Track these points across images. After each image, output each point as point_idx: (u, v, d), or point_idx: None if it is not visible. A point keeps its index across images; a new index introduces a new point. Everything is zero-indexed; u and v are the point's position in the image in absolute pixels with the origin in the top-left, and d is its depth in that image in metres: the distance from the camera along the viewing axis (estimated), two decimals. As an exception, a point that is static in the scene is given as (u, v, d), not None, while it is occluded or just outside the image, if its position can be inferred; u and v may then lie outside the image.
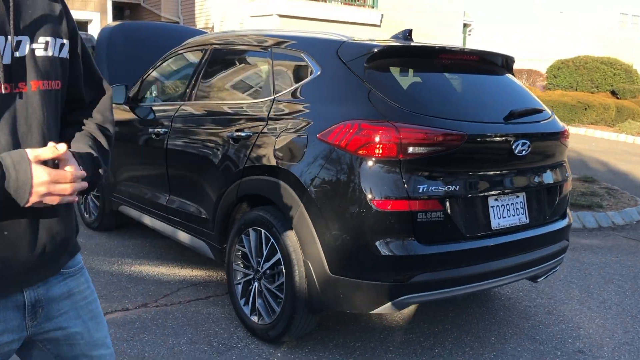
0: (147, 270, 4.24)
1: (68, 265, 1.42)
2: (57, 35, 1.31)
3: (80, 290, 1.46)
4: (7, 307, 1.30)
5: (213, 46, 3.89)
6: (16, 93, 1.22)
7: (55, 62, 1.30)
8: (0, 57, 1.18)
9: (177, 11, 20.57)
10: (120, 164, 4.57)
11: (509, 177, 2.99)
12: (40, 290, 1.35)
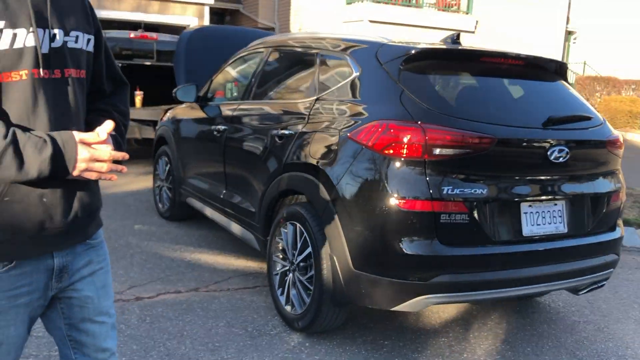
0: (205, 259, 4.50)
1: (92, 237, 1.62)
2: (85, 31, 1.52)
3: (99, 260, 1.65)
4: (39, 270, 1.49)
5: (270, 48, 4.08)
6: (53, 78, 1.42)
7: (83, 54, 1.51)
8: (39, 47, 1.38)
9: (274, 17, 21.26)
10: (189, 158, 4.89)
11: (545, 183, 2.92)
12: (68, 257, 1.55)
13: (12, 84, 1.34)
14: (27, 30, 1.36)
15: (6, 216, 1.38)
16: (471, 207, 2.70)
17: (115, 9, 12.93)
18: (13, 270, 1.44)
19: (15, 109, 1.36)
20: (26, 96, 1.37)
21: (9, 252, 1.42)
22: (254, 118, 3.89)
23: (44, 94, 1.39)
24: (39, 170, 1.33)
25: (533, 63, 3.26)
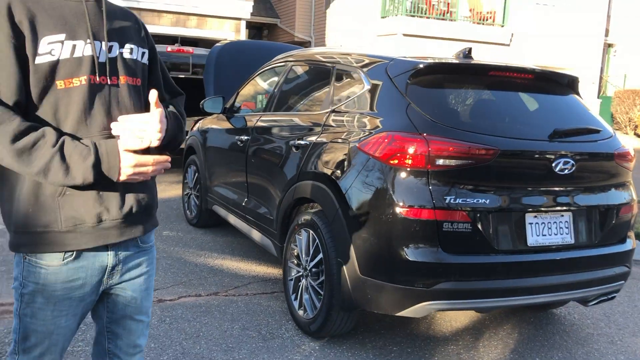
0: (227, 264, 4.66)
1: (144, 240, 1.75)
2: (139, 45, 1.70)
3: (147, 264, 1.78)
4: (94, 267, 1.63)
5: (291, 63, 4.24)
6: (110, 84, 1.58)
7: (137, 64, 1.68)
8: (97, 57, 1.54)
9: (310, 31, 21.57)
10: (215, 167, 5.09)
11: (551, 195, 2.96)
12: (120, 256, 1.68)
13: (73, 89, 1.51)
14: (84, 41, 1.53)
15: (68, 208, 1.53)
16: (474, 217, 2.77)
17: (156, 24, 13.39)
18: (72, 263, 1.58)
19: (74, 111, 1.51)
20: (84, 100, 1.52)
21: (73, 242, 1.56)
22: (274, 129, 4.05)
23: (100, 98, 1.55)
24: (83, 176, 1.48)
25: (543, 77, 3.32)
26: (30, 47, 1.46)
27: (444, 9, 16.41)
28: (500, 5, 16.81)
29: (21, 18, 1.46)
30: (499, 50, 16.82)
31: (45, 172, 1.45)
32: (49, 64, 1.48)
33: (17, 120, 1.43)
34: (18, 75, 1.45)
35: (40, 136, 1.44)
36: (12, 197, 1.56)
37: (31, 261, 1.56)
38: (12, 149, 1.41)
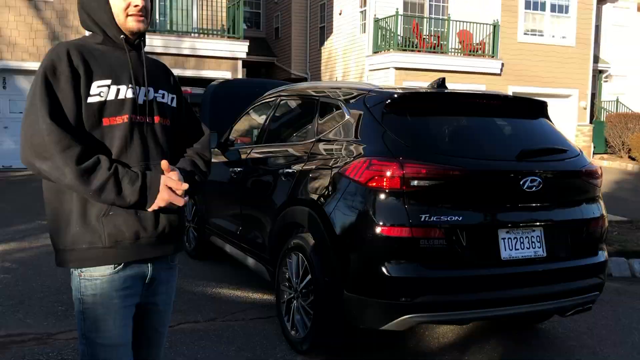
0: (225, 292, 4.84)
1: (173, 259, 2.01)
2: (169, 91, 1.98)
3: (172, 281, 2.04)
4: (136, 277, 1.86)
5: (279, 97, 4.51)
6: (147, 122, 1.86)
7: (168, 107, 1.95)
8: (137, 99, 1.82)
9: (306, 68, 22.09)
10: (211, 199, 5.30)
11: (521, 211, 3.17)
12: (155, 271, 1.92)
13: (116, 125, 1.79)
14: (127, 86, 1.81)
15: (112, 226, 1.77)
16: (448, 233, 2.97)
17: (155, 66, 13.79)
18: (122, 272, 1.81)
19: (117, 144, 1.78)
20: (125, 135, 1.79)
21: (114, 257, 1.79)
22: (265, 159, 4.28)
23: (138, 133, 1.82)
24: (130, 197, 1.73)
25: (512, 102, 3.56)
26: (83, 89, 1.75)
27: (435, 42, 16.86)
28: (489, 36, 17.28)
29: (78, 63, 1.75)
30: (491, 79, 17.20)
31: (100, 191, 1.70)
32: (98, 103, 1.76)
33: (81, 146, 1.69)
34: (76, 111, 1.73)
35: (98, 161, 1.71)
36: (60, 218, 1.80)
37: (86, 275, 1.80)
38: (77, 169, 1.66)
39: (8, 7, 12.72)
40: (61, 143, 1.66)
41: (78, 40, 1.86)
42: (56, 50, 1.77)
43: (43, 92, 1.70)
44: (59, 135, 1.66)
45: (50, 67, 1.73)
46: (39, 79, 1.72)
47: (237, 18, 14.47)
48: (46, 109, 1.68)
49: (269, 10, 24.62)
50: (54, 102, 1.71)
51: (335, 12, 19.84)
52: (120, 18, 1.83)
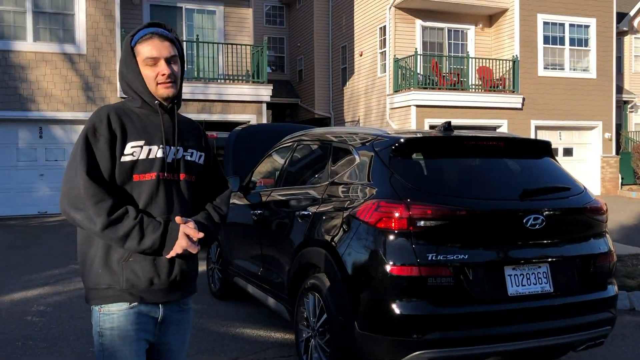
0: (248, 332, 4.99)
1: (185, 302, 2.19)
2: (198, 149, 2.19)
3: (186, 323, 2.21)
4: (148, 316, 2.06)
5: (296, 142, 4.74)
6: (173, 180, 2.08)
7: (194, 165, 2.17)
8: (166, 158, 2.04)
9: (329, 108, 22.51)
10: (234, 241, 5.51)
11: (526, 248, 3.28)
12: (167, 312, 2.11)
13: (145, 182, 2.01)
14: (158, 146, 2.04)
15: (129, 271, 1.99)
16: (455, 271, 3.10)
17: (183, 112, 14.25)
18: (137, 308, 2.02)
19: (144, 198, 2.00)
20: (152, 190, 2.01)
21: (129, 298, 2.00)
22: (282, 202, 4.49)
23: (163, 189, 2.04)
24: (152, 242, 1.94)
25: (516, 143, 3.71)
26: (119, 149, 1.98)
27: (455, 80, 17.10)
28: (509, 72, 17.45)
29: (116, 126, 1.99)
30: (512, 114, 17.30)
31: (125, 237, 1.92)
32: (130, 162, 1.99)
33: (112, 199, 1.92)
34: (110, 169, 1.97)
35: (125, 211, 1.93)
36: (87, 260, 2.03)
37: (105, 311, 2.01)
38: (107, 220, 1.89)
39: (45, 61, 13.42)
40: (95, 197, 1.89)
41: (119, 104, 2.10)
42: (99, 113, 2.02)
43: (83, 150, 1.95)
44: (94, 190, 1.89)
45: (92, 128, 1.98)
46: (81, 138, 1.98)
47: (261, 64, 14.96)
48: (84, 166, 1.92)
49: (292, 54, 25.31)
50: (92, 160, 1.94)
51: (356, 54, 20.32)
52: (152, 86, 2.06)
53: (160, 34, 2.08)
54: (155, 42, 2.05)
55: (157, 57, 2.04)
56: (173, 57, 2.08)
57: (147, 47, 2.05)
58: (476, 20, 18.50)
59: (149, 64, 2.05)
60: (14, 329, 5.01)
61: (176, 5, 15.68)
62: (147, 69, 2.06)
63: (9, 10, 13.29)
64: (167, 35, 2.09)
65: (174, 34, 2.14)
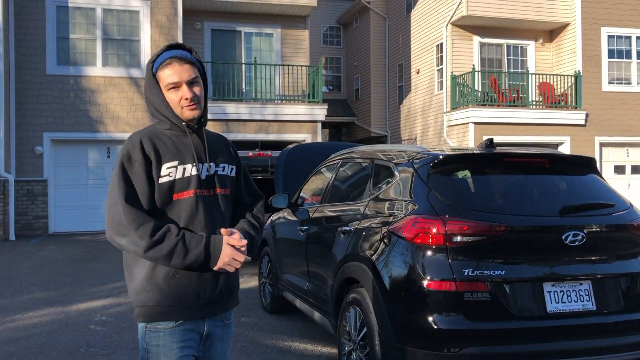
0: (295, 346, 5.10)
1: (227, 316, 2.23)
2: (229, 162, 2.27)
3: (228, 337, 2.26)
4: (194, 331, 2.11)
5: (341, 160, 4.86)
6: (210, 195, 2.14)
7: (227, 178, 2.24)
8: (200, 175, 2.11)
9: (385, 126, 22.56)
10: (283, 256, 5.67)
11: (567, 265, 3.25)
12: (211, 327, 2.16)
13: (183, 199, 2.08)
14: (191, 164, 2.11)
15: (176, 288, 2.04)
16: (492, 287, 3.12)
17: (241, 132, 14.79)
18: (182, 325, 2.07)
19: (184, 215, 2.07)
20: (191, 207, 2.08)
21: (178, 314, 2.07)
22: (326, 218, 4.61)
23: (202, 204, 2.10)
24: (197, 256, 1.99)
25: (559, 160, 3.69)
26: (155, 172, 2.05)
27: (514, 96, 16.81)
28: (571, 87, 16.99)
29: (149, 150, 2.06)
30: (575, 131, 16.80)
31: (170, 255, 1.97)
32: (168, 182, 2.06)
33: (153, 221, 1.99)
34: (148, 192, 2.04)
35: (167, 230, 1.99)
36: (134, 279, 2.09)
37: (152, 328, 2.06)
38: (151, 241, 1.95)
39: (113, 85, 14.20)
40: (136, 221, 1.96)
41: (150, 128, 2.18)
42: (131, 140, 2.10)
43: (120, 177, 2.02)
44: (134, 214, 1.96)
45: (127, 155, 2.05)
46: (117, 166, 2.05)
47: (316, 84, 15.26)
48: (122, 193, 1.99)
49: (349, 73, 25.58)
50: (129, 186, 2.02)
51: (412, 72, 20.33)
52: (177, 109, 2.13)
53: (179, 57, 2.11)
54: (175, 67, 2.09)
55: (178, 81, 2.09)
56: (194, 79, 2.12)
57: (167, 73, 2.10)
58: (536, 35, 18.17)
59: (171, 88, 2.11)
60: (78, 336, 5.33)
61: (235, 30, 16.25)
62: (170, 93, 2.12)
63: (81, 38, 14.19)
64: (186, 58, 2.12)
65: (195, 55, 2.18)
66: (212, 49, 16.14)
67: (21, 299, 6.95)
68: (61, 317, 6.08)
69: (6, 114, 13.15)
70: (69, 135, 13.97)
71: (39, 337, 5.34)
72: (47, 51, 13.88)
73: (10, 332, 5.52)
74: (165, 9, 14.46)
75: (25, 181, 13.70)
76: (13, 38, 13.66)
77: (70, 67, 14.07)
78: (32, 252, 11.09)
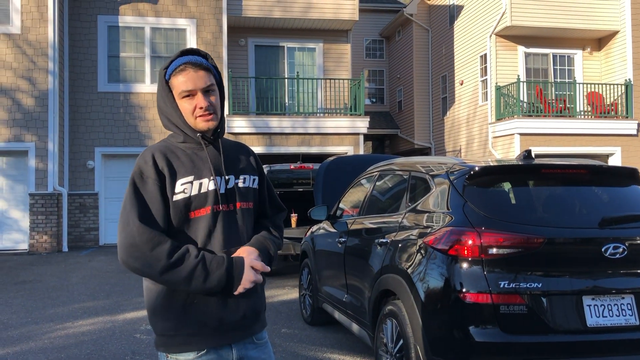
0: (335, 357, 5.12)
1: (258, 337, 2.04)
2: (251, 173, 2.08)
3: (265, 358, 2.05)
4: (221, 358, 1.92)
5: (378, 172, 4.89)
6: (229, 210, 1.96)
7: (249, 190, 2.05)
8: (219, 189, 1.93)
9: (429, 138, 22.38)
10: (322, 268, 5.71)
11: (607, 278, 3.18)
12: (242, 351, 1.97)
13: (201, 217, 1.90)
14: (208, 179, 1.92)
15: (195, 314, 1.87)
16: (529, 300, 3.08)
17: (284, 145, 14.97)
18: (205, 356, 1.89)
19: (201, 234, 1.90)
20: (209, 224, 1.90)
21: (199, 343, 1.88)
22: (363, 231, 4.64)
23: (221, 221, 1.93)
24: (218, 279, 1.83)
25: (600, 171, 3.62)
26: (169, 188, 1.88)
27: (561, 106, 16.44)
28: (622, 96, 16.50)
29: (162, 165, 1.89)
30: (626, 141, 16.28)
31: (189, 279, 1.80)
32: (183, 200, 1.88)
33: (169, 241, 1.82)
34: (163, 210, 1.87)
35: (185, 251, 1.83)
36: (152, 306, 1.93)
37: (172, 358, 1.89)
38: (167, 264, 1.79)
39: (160, 101, 14.65)
40: (151, 242, 1.80)
41: (163, 142, 2.00)
42: (143, 156, 1.92)
43: (132, 196, 1.86)
44: (148, 235, 1.80)
45: (138, 172, 1.89)
46: (129, 185, 1.89)
47: (358, 96, 15.32)
48: (135, 213, 1.83)
49: (392, 85, 25.56)
50: (142, 205, 1.85)
51: (456, 83, 20.16)
52: (190, 120, 1.95)
53: (194, 62, 1.94)
54: (189, 73, 1.92)
55: (192, 89, 1.92)
56: (210, 87, 1.95)
57: (181, 80, 1.92)
58: (583, 44, 17.76)
59: (185, 96, 1.94)
60: (124, 345, 5.51)
61: (278, 45, 16.52)
62: (184, 102, 1.94)
63: (131, 56, 14.71)
64: (201, 64, 1.95)
65: (210, 61, 2.01)
66: (255, 64, 16.45)
67: (72, 308, 7.22)
68: (109, 325, 6.29)
69: (60, 130, 13.73)
70: (119, 150, 14.46)
71: (88, 344, 5.54)
72: (99, 69, 14.45)
73: (61, 339, 5.75)
74: (211, 26, 14.85)
75: (78, 194, 14.24)
76: (67, 57, 14.30)
77: (120, 84, 14.59)
78: (83, 262, 11.49)
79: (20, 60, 13.38)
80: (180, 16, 14.79)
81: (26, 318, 6.70)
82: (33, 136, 13.31)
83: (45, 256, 12.72)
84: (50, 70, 13.36)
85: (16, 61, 13.36)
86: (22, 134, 13.30)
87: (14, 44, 13.37)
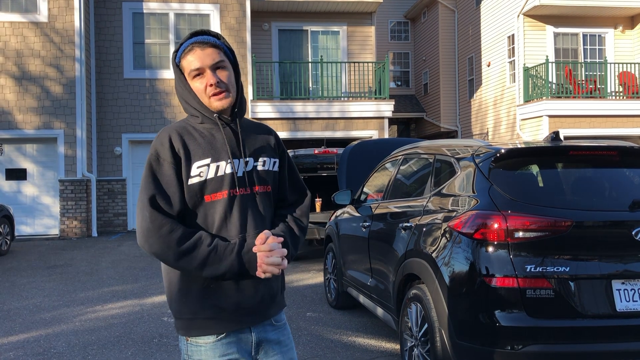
0: (359, 341, 5.14)
1: (277, 319, 2.02)
2: (271, 155, 2.01)
3: (286, 340, 2.04)
4: (242, 342, 1.92)
5: (402, 156, 4.84)
6: (247, 194, 1.90)
7: (269, 174, 1.99)
8: (236, 173, 1.88)
9: (456, 121, 22.11)
10: (347, 252, 5.71)
11: (638, 262, 3.10)
12: (261, 334, 1.96)
13: (217, 201, 1.86)
14: (226, 161, 1.87)
15: (212, 299, 1.85)
16: (556, 284, 3.02)
17: (309, 130, 14.94)
18: (224, 339, 1.88)
19: (218, 219, 1.86)
20: (225, 209, 1.86)
21: (218, 327, 1.87)
22: (388, 214, 4.61)
23: (238, 205, 1.88)
24: (231, 266, 1.81)
25: (630, 153, 3.52)
26: (185, 171, 1.84)
27: (592, 87, 16.05)
28: (655, 76, 16.03)
29: (179, 147, 1.85)
30: (659, 122, 15.84)
31: (202, 266, 1.79)
32: (198, 184, 1.84)
33: (181, 228, 1.80)
34: (179, 192, 1.84)
35: (198, 238, 1.80)
36: (170, 290, 1.92)
37: (192, 342, 1.88)
38: (179, 251, 1.77)
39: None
40: (162, 228, 1.78)
41: (181, 122, 1.95)
42: (160, 137, 1.89)
43: (148, 180, 1.84)
44: (160, 220, 1.79)
45: (155, 154, 1.86)
46: (146, 167, 1.86)
47: (383, 80, 15.18)
48: (148, 197, 1.81)
49: (417, 68, 25.25)
50: (157, 189, 1.83)
51: (483, 64, 19.82)
52: (205, 101, 1.91)
53: (200, 41, 1.90)
54: (196, 52, 1.89)
55: (200, 67, 1.88)
56: (219, 63, 1.90)
57: (189, 59, 1.89)
58: (615, 22, 17.26)
59: (195, 76, 1.90)
60: (152, 328, 5.60)
61: (302, 29, 16.43)
62: (195, 82, 1.91)
63: (155, 42, 14.80)
64: (208, 41, 1.90)
65: (221, 39, 1.95)
66: (279, 49, 16.40)
67: (101, 292, 7.37)
68: (137, 309, 6.41)
69: (88, 116, 13.93)
70: (145, 136, 14.61)
71: (117, 327, 5.66)
72: (124, 56, 14.58)
73: (91, 322, 5.88)
74: (235, 11, 14.83)
75: (106, 180, 14.46)
76: (93, 45, 14.45)
77: (146, 70, 14.70)
78: (112, 247, 11.70)
79: (48, 48, 13.57)
80: (204, 1, 14.79)
81: (58, 301, 6.86)
82: (62, 123, 13.53)
83: (76, 241, 13.00)
84: (77, 57, 13.53)
85: (44, 49, 13.56)
86: (51, 121, 13.53)
87: (41, 32, 13.56)
